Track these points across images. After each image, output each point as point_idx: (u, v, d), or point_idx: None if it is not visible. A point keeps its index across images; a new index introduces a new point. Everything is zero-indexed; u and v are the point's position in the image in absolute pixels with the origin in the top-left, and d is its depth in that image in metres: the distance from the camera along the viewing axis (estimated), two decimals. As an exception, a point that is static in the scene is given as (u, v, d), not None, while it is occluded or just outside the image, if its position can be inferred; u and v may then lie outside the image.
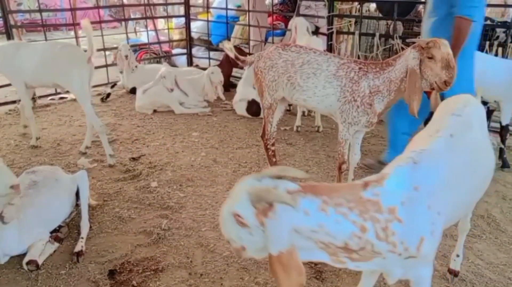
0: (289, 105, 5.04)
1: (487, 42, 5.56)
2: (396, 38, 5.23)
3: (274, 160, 3.63)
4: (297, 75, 3.14)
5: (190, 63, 7.71)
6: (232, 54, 3.51)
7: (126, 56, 6.05)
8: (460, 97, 2.07)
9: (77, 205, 3.07)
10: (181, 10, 8.58)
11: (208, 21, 7.66)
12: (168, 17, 8.49)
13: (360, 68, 2.97)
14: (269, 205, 1.38)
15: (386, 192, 1.49)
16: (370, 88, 2.92)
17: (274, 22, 7.43)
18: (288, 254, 1.38)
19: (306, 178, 1.58)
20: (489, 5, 9.99)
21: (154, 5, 10.11)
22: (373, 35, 5.66)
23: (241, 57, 3.55)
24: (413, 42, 2.81)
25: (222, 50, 8.74)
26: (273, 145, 3.60)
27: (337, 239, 1.44)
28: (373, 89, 2.91)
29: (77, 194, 3.05)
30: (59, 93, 5.84)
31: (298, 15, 5.94)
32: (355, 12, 6.39)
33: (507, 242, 2.93)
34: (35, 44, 4.71)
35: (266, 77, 3.29)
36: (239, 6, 8.27)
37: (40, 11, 6.46)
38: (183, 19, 7.90)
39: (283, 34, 7.27)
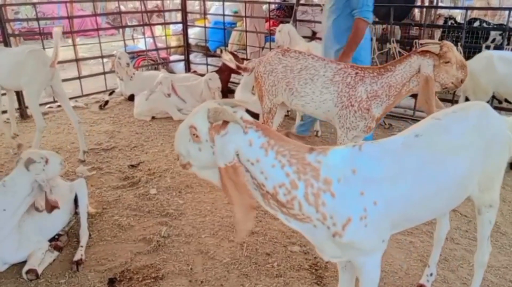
0: (288, 110, 5.03)
1: (483, 45, 5.61)
2: (393, 42, 5.24)
3: None
4: (295, 81, 3.15)
5: (188, 69, 7.71)
6: (232, 64, 3.52)
7: (128, 64, 6.06)
8: (468, 103, 2.08)
9: (76, 213, 3.06)
10: (178, 16, 8.61)
11: (205, 27, 7.69)
12: (165, 23, 8.50)
13: (356, 73, 2.98)
14: (222, 124, 1.55)
15: (328, 163, 1.59)
16: (367, 93, 2.92)
17: (271, 28, 7.46)
18: (233, 168, 1.53)
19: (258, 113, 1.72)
20: (477, 8, 10.10)
21: (152, 12, 10.14)
22: (371, 39, 5.66)
23: (242, 65, 3.56)
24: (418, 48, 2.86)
25: (219, 56, 8.79)
26: None
27: (268, 182, 1.57)
28: (371, 94, 2.92)
29: (76, 202, 3.05)
30: (56, 101, 5.81)
31: (295, 20, 5.96)
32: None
33: (508, 245, 2.93)
34: (10, 48, 4.93)
35: (266, 82, 3.30)
36: (236, 12, 8.32)
37: (37, 19, 6.47)
38: (180, 26, 7.92)
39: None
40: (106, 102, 6.09)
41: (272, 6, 7.80)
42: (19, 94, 5.36)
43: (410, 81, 2.86)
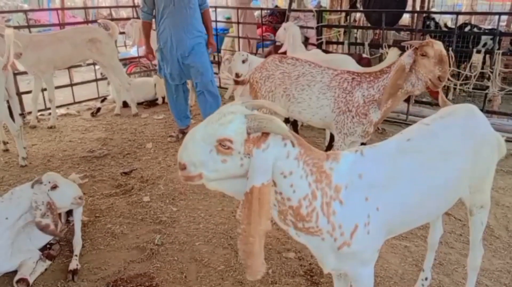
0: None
1: (474, 49, 5.65)
2: (385, 47, 5.27)
3: None
4: (292, 87, 3.15)
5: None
6: (231, 81, 3.54)
7: None
8: (456, 106, 2.07)
9: (68, 222, 3.02)
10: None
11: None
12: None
13: (353, 78, 2.98)
14: (263, 137, 1.35)
15: (339, 170, 1.52)
16: (364, 98, 2.92)
17: (263, 34, 7.48)
18: (268, 187, 1.36)
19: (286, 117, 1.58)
20: (467, 13, 10.21)
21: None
22: (362, 44, 5.71)
23: (239, 79, 3.56)
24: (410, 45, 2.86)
25: (212, 62, 8.78)
26: None
27: (295, 195, 1.44)
28: (368, 99, 2.92)
29: (69, 211, 3.01)
30: (49, 108, 5.78)
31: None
32: (344, 22, 6.45)
33: (502, 248, 2.93)
34: None
35: (262, 87, 3.29)
36: (228, 18, 8.33)
37: (28, 26, 6.43)
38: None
39: (273, 45, 7.31)
40: (98, 109, 6.05)
41: (264, 12, 7.82)
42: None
43: (404, 83, 2.83)
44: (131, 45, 6.41)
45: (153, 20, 4.70)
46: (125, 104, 6.33)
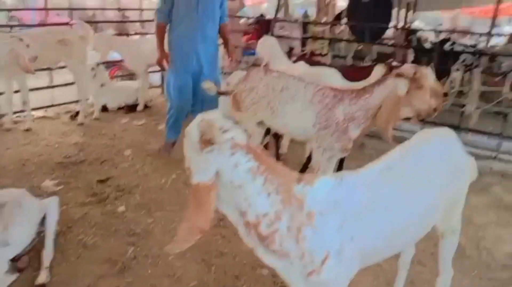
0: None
1: (455, 65, 5.75)
2: (369, 60, 5.33)
3: None
4: (276, 100, 3.16)
5: (163, 80, 7.63)
6: (213, 92, 3.50)
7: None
8: (432, 131, 2.09)
9: (40, 232, 2.95)
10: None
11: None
12: (141, 34, 8.38)
13: (335, 94, 3.00)
14: (210, 141, 1.46)
15: (313, 194, 1.52)
16: (345, 115, 2.94)
17: (248, 42, 7.49)
18: (205, 188, 1.44)
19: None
20: (450, 31, 10.42)
21: (129, 21, 10.04)
22: (345, 57, 5.77)
23: (223, 90, 3.55)
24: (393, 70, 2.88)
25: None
26: None
27: (251, 210, 1.48)
28: (348, 116, 2.94)
29: (42, 219, 2.94)
30: (24, 110, 5.67)
31: (273, 35, 5.99)
32: (329, 34, 6.51)
33: (471, 268, 2.97)
34: None
35: (246, 99, 3.29)
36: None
37: (10, 26, 6.31)
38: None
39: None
40: (77, 113, 5.95)
41: (250, 20, 7.84)
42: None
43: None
44: (99, 60, 6.08)
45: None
46: (104, 109, 6.26)
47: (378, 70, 3.73)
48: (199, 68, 4.30)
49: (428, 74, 2.75)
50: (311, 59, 4.89)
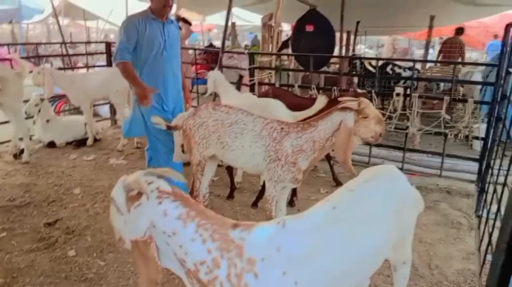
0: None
1: (396, 88, 6.06)
2: (314, 88, 5.51)
3: None
4: (226, 135, 3.19)
5: (113, 113, 7.48)
6: (163, 127, 3.47)
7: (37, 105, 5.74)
8: (376, 169, 2.13)
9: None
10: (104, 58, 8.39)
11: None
12: (89, 67, 8.21)
13: (282, 128, 3.06)
14: (137, 195, 1.54)
15: (252, 241, 1.52)
16: (292, 148, 3.00)
17: (198, 71, 7.54)
18: (144, 244, 1.51)
19: (183, 181, 1.75)
20: (393, 59, 11.07)
21: (76, 55, 9.83)
22: (292, 86, 5.93)
23: (171, 125, 3.51)
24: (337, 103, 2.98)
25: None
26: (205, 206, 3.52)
27: (188, 257, 1.51)
28: (296, 149, 3.00)
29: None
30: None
31: (221, 66, 6.08)
32: (275, 64, 6.69)
33: (425, 287, 3.07)
34: None
35: (195, 134, 3.30)
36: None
37: None
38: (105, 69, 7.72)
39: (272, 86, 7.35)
40: (22, 150, 5.67)
41: (198, 51, 7.92)
42: None
43: (333, 136, 2.94)
44: (46, 96, 5.78)
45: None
46: (51, 145, 6.03)
47: (321, 101, 3.89)
48: (173, 107, 4.06)
49: (369, 103, 2.88)
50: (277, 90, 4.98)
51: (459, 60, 8.92)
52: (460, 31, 9.39)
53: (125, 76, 3.76)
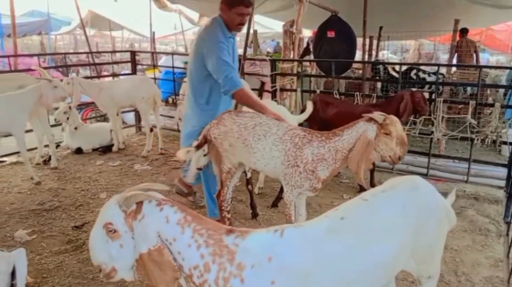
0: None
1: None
2: (336, 94, 5.50)
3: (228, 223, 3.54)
4: (250, 137, 3.19)
5: (138, 120, 7.64)
6: (190, 157, 3.42)
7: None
8: (399, 179, 2.03)
9: (12, 285, 2.85)
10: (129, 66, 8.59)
11: (155, 78, 7.71)
12: (115, 75, 8.43)
13: (304, 135, 3.06)
14: (137, 208, 1.53)
15: (245, 247, 1.52)
16: (313, 156, 2.99)
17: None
18: (158, 251, 1.50)
19: (169, 190, 1.73)
20: (412, 64, 10.87)
21: (102, 64, 10.08)
22: (314, 92, 5.93)
23: (200, 141, 3.42)
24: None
25: (170, 105, 8.82)
26: (228, 212, 3.55)
27: (185, 263, 1.52)
28: (317, 157, 2.98)
29: (12, 271, 2.84)
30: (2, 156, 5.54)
31: (243, 73, 6.14)
32: (297, 70, 6.71)
33: (451, 294, 3.01)
34: None
35: (223, 142, 3.31)
36: (186, 63, 8.43)
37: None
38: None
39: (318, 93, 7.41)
40: (50, 157, 5.85)
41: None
42: None
43: None
44: (74, 105, 6.04)
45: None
46: (78, 151, 6.20)
47: (310, 105, 4.07)
48: None
49: (396, 122, 2.83)
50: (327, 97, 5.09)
51: (474, 61, 8.77)
52: (464, 31, 9.04)
53: (246, 101, 3.45)
